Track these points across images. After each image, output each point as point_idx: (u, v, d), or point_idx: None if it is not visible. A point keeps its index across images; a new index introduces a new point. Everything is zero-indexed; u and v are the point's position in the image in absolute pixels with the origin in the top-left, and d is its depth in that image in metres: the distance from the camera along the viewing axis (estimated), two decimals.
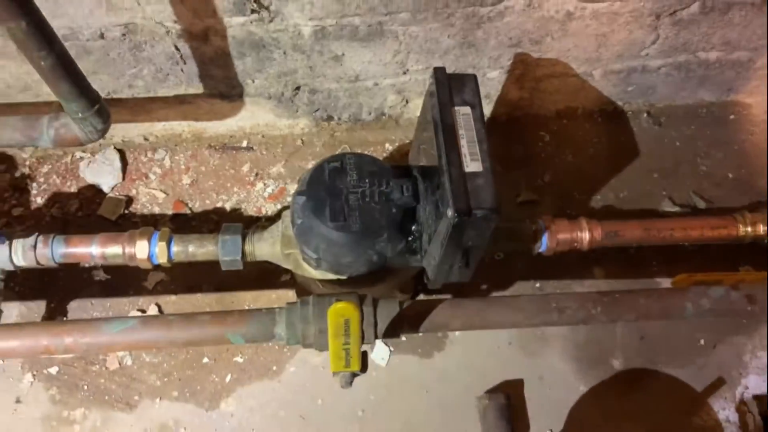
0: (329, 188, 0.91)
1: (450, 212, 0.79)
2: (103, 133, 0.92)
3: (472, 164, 0.83)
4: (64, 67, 0.79)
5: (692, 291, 0.90)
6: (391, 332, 0.87)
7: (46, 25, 0.75)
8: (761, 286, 0.95)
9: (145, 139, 1.25)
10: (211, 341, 0.86)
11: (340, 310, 0.72)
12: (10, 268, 1.01)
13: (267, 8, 0.98)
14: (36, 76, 0.86)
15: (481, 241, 0.86)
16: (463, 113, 0.87)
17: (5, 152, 1.25)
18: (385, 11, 1.01)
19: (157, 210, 1.20)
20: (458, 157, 0.83)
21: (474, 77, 0.89)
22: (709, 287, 0.91)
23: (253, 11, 0.99)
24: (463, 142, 0.85)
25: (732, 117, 1.33)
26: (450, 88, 0.89)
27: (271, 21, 1.01)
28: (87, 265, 1.14)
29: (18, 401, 1.04)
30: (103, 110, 0.89)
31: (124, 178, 1.23)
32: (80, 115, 0.87)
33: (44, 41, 0.75)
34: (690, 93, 1.30)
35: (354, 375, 0.83)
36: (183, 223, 1.19)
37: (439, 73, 0.89)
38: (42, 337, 0.82)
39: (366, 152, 1.29)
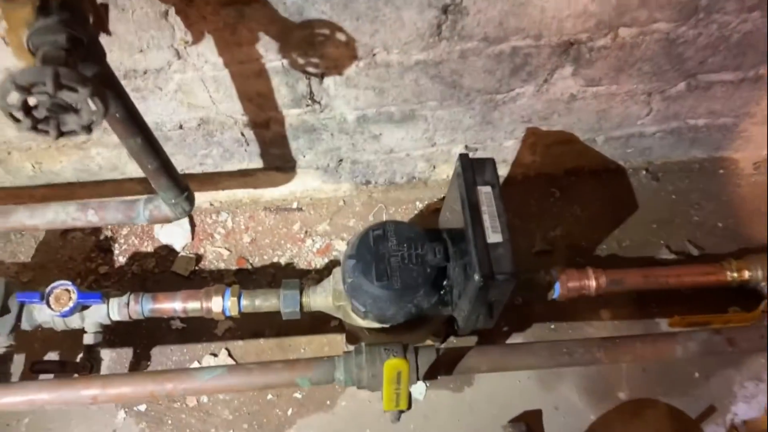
0: (374, 252, 1.09)
1: (477, 277, 0.97)
2: (189, 213, 1.12)
3: (493, 236, 1.01)
4: (165, 168, 1.00)
5: (681, 336, 1.07)
6: (429, 375, 1.06)
7: (154, 139, 0.96)
8: (742, 329, 1.12)
9: (211, 204, 1.46)
10: (284, 384, 1.05)
11: (395, 365, 0.91)
12: (107, 322, 1.21)
13: (319, 103, 1.18)
14: (123, 159, 1.05)
15: (502, 297, 1.04)
16: (484, 192, 1.06)
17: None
18: (416, 101, 1.20)
19: (222, 266, 1.40)
20: (482, 229, 1.01)
21: (492, 161, 1.08)
22: (695, 332, 1.08)
23: (307, 105, 1.19)
24: (486, 217, 1.03)
25: (721, 171, 1.50)
26: (473, 170, 1.07)
27: (321, 111, 1.21)
28: (166, 316, 1.34)
29: None
30: (191, 196, 1.09)
31: (193, 239, 1.44)
32: (173, 201, 1.07)
33: (153, 151, 0.96)
34: (683, 151, 1.48)
35: (401, 412, 1.01)
36: (245, 277, 1.39)
37: (464, 158, 1.08)
38: (148, 384, 1.02)
39: (399, 209, 1.48)
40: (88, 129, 0.70)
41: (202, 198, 1.43)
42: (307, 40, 1.03)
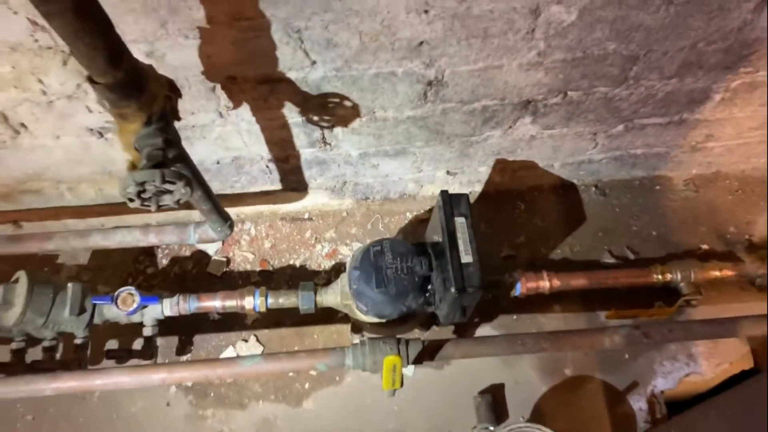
0: (374, 265, 1.40)
1: (453, 290, 1.28)
2: (229, 235, 1.43)
3: (466, 257, 1.32)
4: (215, 208, 1.30)
5: (609, 330, 1.40)
6: (416, 361, 1.38)
7: (208, 188, 1.26)
8: (655, 324, 1.46)
9: (237, 216, 1.76)
10: (306, 369, 1.38)
11: (392, 360, 1.24)
12: (161, 317, 1.52)
13: (329, 144, 1.48)
14: None
15: (473, 302, 1.35)
16: (459, 222, 1.36)
17: None
18: (407, 143, 1.50)
19: (248, 267, 1.72)
20: (457, 252, 1.33)
21: (467, 196, 1.38)
22: (620, 327, 1.42)
23: (320, 146, 1.48)
24: (460, 242, 1.34)
25: (657, 187, 1.82)
26: (451, 204, 1.38)
27: (331, 150, 1.51)
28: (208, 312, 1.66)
29: (168, 404, 1.57)
30: (231, 224, 1.40)
31: (223, 244, 1.74)
32: (219, 228, 1.37)
33: (207, 198, 1.26)
34: (626, 172, 1.80)
35: (393, 393, 1.34)
36: (267, 276, 1.70)
37: (444, 194, 1.38)
38: (204, 370, 1.34)
39: (392, 219, 1.79)
40: (177, 203, 1.01)
41: (230, 212, 1.72)
42: (321, 105, 1.33)
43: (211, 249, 1.73)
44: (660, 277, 1.59)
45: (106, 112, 0.95)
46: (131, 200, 0.98)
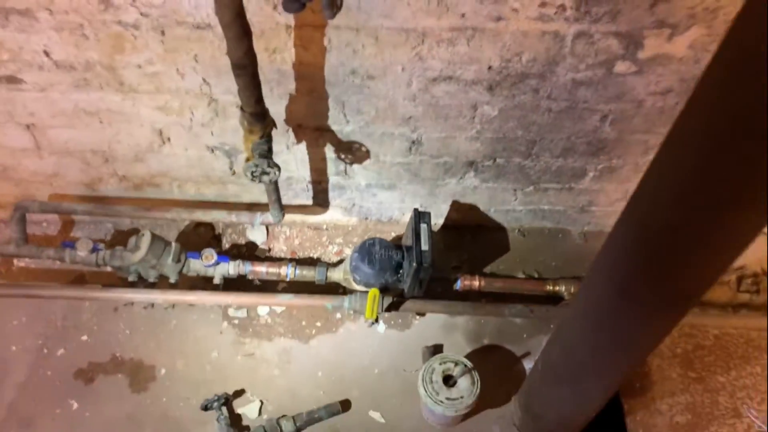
0: (367, 251, 2.27)
1: (414, 264, 2.15)
2: (281, 221, 2.29)
3: (425, 246, 2.19)
4: (278, 202, 2.18)
5: (509, 305, 2.25)
6: (387, 309, 2.22)
7: (278, 191, 2.14)
8: (538, 307, 2.30)
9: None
10: (319, 306, 2.21)
11: (374, 291, 2.08)
12: (227, 274, 2.35)
13: (348, 174, 2.38)
14: (245, 192, 2.24)
15: (426, 276, 2.20)
16: (423, 227, 2.24)
17: (209, 222, 2.61)
18: (396, 180, 2.40)
19: (282, 255, 2.56)
20: (419, 244, 2.19)
21: (429, 213, 2.26)
22: (516, 305, 2.26)
23: (342, 175, 2.38)
24: (422, 238, 2.20)
25: (560, 236, 2.70)
26: (420, 216, 2.26)
27: (349, 179, 2.40)
28: (252, 278, 2.49)
29: (221, 333, 2.37)
30: (284, 213, 2.27)
31: (267, 239, 2.60)
32: (276, 214, 2.25)
33: (277, 191, 2.14)
34: (538, 222, 2.69)
35: (374, 322, 2.17)
36: (296, 263, 2.54)
37: (416, 211, 2.25)
38: (255, 297, 2.17)
39: (381, 235, 2.65)
40: (270, 182, 1.90)
41: None
42: (348, 148, 2.23)
43: (259, 241, 2.59)
44: (551, 288, 2.44)
45: (242, 128, 1.84)
46: (249, 177, 1.87)
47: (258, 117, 1.80)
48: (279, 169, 1.90)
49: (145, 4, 1.70)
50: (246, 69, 1.62)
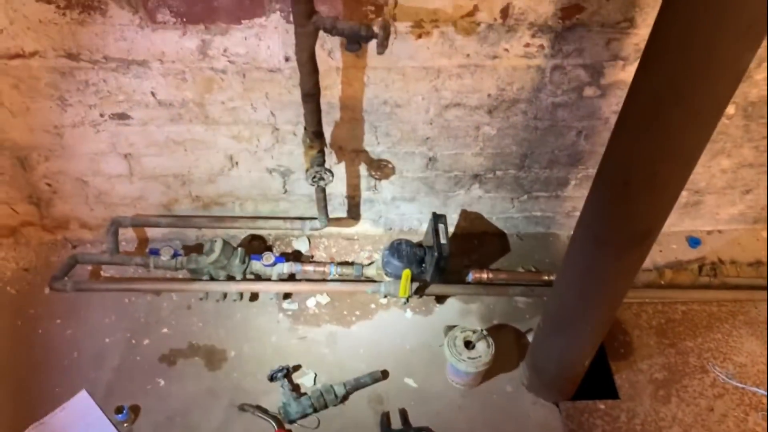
0: (396, 249, 2.80)
1: (435, 254, 2.69)
2: (326, 226, 2.84)
3: (443, 240, 2.74)
4: (325, 207, 2.73)
5: (512, 287, 2.78)
6: (415, 293, 2.75)
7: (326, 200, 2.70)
8: (542, 288, 2.84)
9: (320, 234, 3.16)
10: (360, 291, 2.74)
11: (407, 272, 2.61)
12: (282, 272, 2.87)
13: (377, 189, 2.94)
14: (292, 209, 2.80)
15: (446, 265, 2.74)
16: (440, 226, 2.79)
17: (260, 234, 3.15)
18: (416, 193, 2.96)
19: (323, 260, 3.09)
20: (438, 240, 2.74)
21: (445, 216, 2.81)
22: (518, 286, 2.80)
23: (372, 191, 2.94)
24: (441, 234, 2.75)
25: (551, 239, 3.26)
26: (437, 218, 2.81)
27: (377, 193, 2.96)
28: (301, 277, 3.00)
29: (278, 322, 2.87)
30: (329, 220, 2.82)
31: (309, 248, 3.13)
32: (323, 221, 2.79)
33: (325, 206, 2.69)
34: (533, 228, 3.24)
35: (406, 301, 2.70)
36: (337, 264, 3.06)
37: (434, 214, 2.81)
38: (309, 285, 2.70)
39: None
40: (325, 185, 2.46)
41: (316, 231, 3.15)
42: (378, 165, 2.81)
43: (303, 249, 3.12)
44: (546, 277, 2.98)
45: (303, 145, 2.42)
46: (309, 182, 2.43)
47: (317, 135, 2.37)
48: (332, 174, 2.47)
49: (233, 54, 2.29)
50: (313, 97, 2.20)
